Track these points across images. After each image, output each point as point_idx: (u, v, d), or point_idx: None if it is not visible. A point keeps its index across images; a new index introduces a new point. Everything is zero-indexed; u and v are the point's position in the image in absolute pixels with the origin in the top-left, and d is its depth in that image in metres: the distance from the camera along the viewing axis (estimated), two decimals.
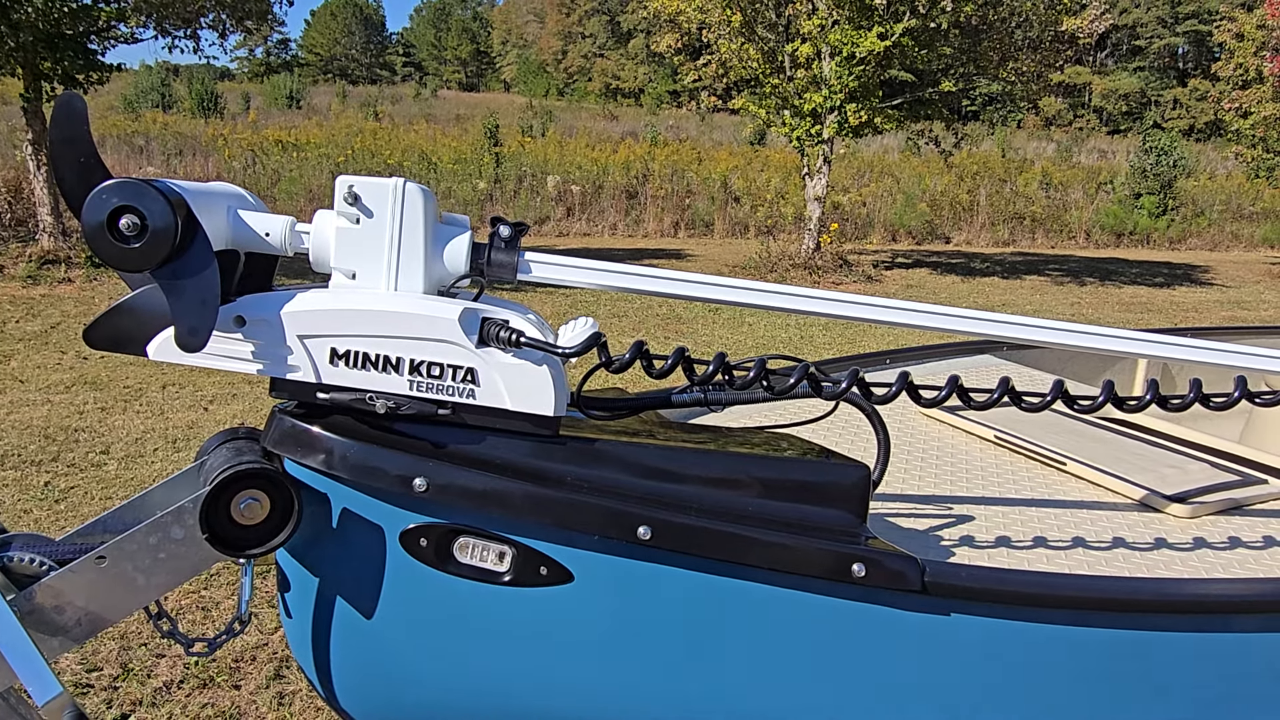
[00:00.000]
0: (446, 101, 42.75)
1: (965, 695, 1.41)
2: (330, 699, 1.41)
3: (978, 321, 1.44)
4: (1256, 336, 3.80)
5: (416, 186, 1.21)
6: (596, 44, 68.31)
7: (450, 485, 1.20)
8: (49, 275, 8.86)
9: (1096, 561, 1.60)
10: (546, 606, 1.29)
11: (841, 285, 11.46)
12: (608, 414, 1.39)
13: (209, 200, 1.17)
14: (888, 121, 12.01)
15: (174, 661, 2.72)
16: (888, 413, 2.27)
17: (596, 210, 16.83)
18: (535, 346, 1.18)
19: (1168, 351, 1.50)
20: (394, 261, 1.21)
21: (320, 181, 15.20)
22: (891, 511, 1.78)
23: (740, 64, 12.18)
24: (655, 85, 56.08)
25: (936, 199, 18.77)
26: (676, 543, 1.24)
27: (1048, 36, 11.79)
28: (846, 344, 7.83)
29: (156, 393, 5.46)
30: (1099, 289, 12.63)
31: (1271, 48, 14.76)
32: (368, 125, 23.44)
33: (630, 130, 28.23)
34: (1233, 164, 21.59)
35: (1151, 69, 55.04)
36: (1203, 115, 43.32)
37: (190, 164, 16.60)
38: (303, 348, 1.19)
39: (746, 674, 1.36)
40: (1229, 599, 1.48)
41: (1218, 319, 10.54)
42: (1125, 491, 1.91)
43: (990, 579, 1.36)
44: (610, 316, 8.49)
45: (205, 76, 29.45)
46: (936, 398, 1.38)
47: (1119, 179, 21.36)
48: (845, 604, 1.31)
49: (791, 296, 1.38)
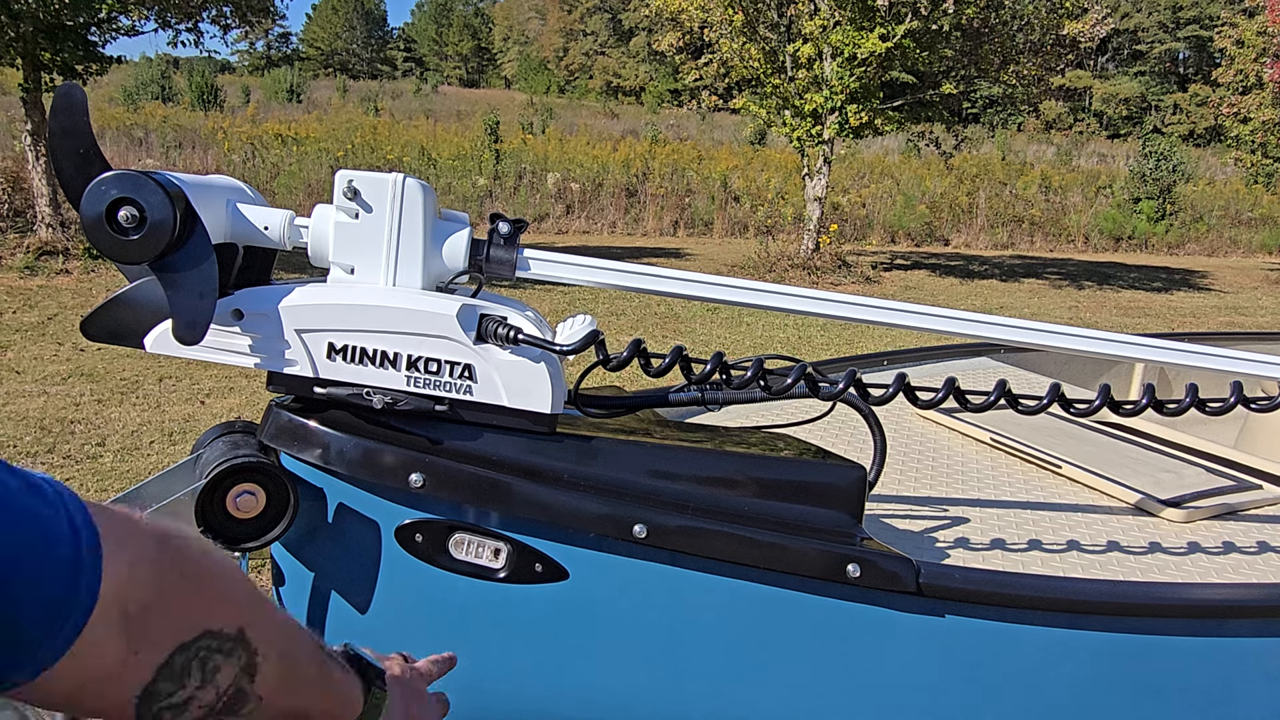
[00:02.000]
0: (447, 97, 42.71)
1: (959, 697, 1.41)
2: None
3: (975, 324, 1.44)
4: (1253, 342, 3.81)
5: (416, 182, 1.21)
6: (598, 41, 68.27)
7: (447, 481, 1.20)
8: (47, 266, 8.84)
9: (1091, 565, 1.61)
10: (541, 604, 1.29)
11: (840, 286, 11.47)
12: (605, 412, 1.39)
13: (208, 193, 1.16)
14: (888, 123, 12.03)
15: None
16: (885, 414, 2.27)
17: (596, 208, 16.82)
18: (533, 343, 1.18)
19: (1164, 356, 1.51)
20: (393, 257, 1.21)
21: (319, 176, 15.18)
22: (887, 513, 1.78)
23: (741, 64, 12.19)
24: (656, 84, 56.04)
25: (936, 201, 18.78)
26: (672, 542, 1.24)
27: (1049, 40, 11.80)
28: (844, 345, 7.83)
29: (153, 385, 5.45)
30: (1097, 293, 12.64)
31: (1272, 54, 14.77)
32: (368, 120, 23.41)
33: (631, 128, 28.23)
34: (1232, 169, 21.63)
35: (1152, 74, 55.09)
36: (1203, 120, 43.35)
37: (189, 157, 16.57)
38: (300, 342, 1.19)
39: (741, 673, 1.36)
40: (1222, 603, 1.48)
41: (1215, 324, 10.56)
42: (1120, 495, 1.92)
43: (985, 581, 1.36)
44: (608, 315, 8.49)
45: (205, 69, 29.37)
46: (933, 399, 1.38)
47: (1118, 183, 21.39)
48: (840, 604, 1.31)
49: (790, 297, 1.38)
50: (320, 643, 0.77)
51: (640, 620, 1.33)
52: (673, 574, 1.28)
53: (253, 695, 0.64)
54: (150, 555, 0.58)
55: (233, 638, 0.63)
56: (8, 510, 0.49)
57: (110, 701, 0.56)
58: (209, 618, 0.61)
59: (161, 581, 0.58)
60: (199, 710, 0.61)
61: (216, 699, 0.62)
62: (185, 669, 0.59)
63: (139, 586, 0.56)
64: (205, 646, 0.60)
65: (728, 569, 1.27)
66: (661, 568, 1.28)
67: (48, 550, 0.50)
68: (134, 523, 0.58)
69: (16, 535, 0.49)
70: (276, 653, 0.67)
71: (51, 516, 0.51)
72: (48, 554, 0.50)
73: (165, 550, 0.59)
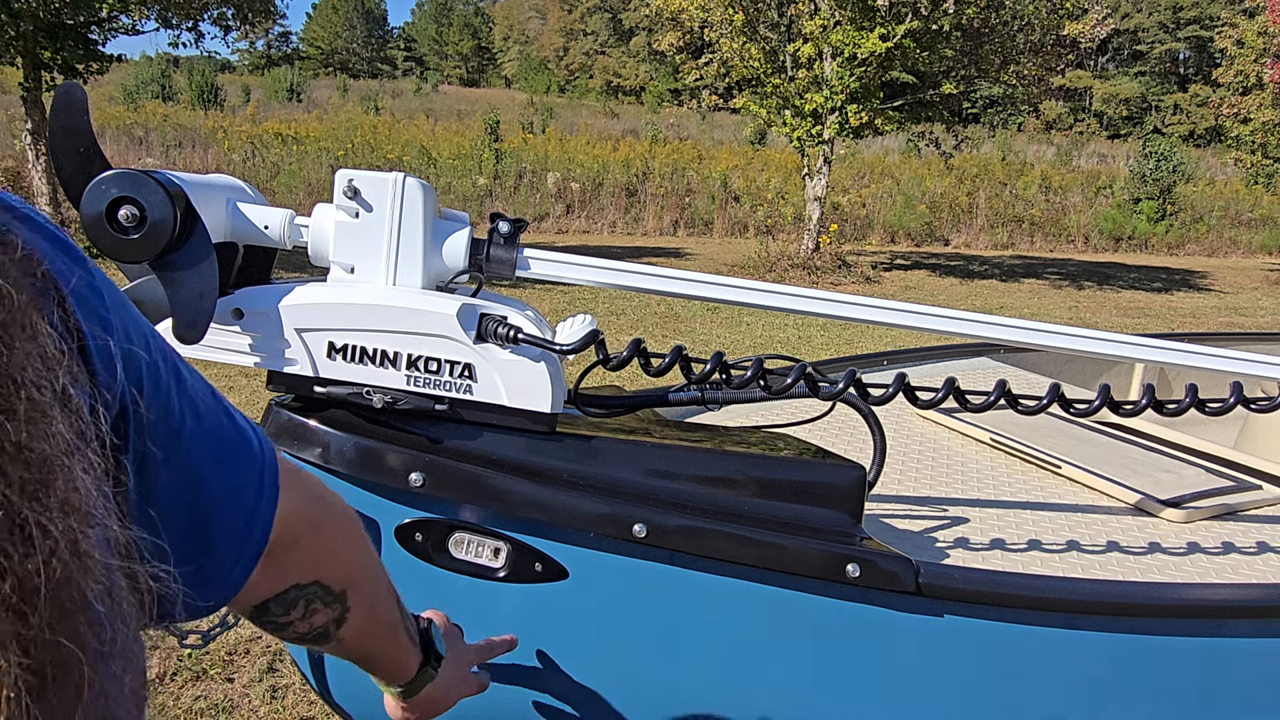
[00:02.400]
0: (447, 97, 42.71)
1: (958, 697, 1.41)
2: (324, 693, 1.41)
3: (975, 324, 1.44)
4: (1253, 343, 3.81)
5: (416, 181, 1.21)
6: (598, 41, 68.27)
7: (446, 480, 1.20)
8: None
9: (1090, 565, 1.61)
10: (541, 603, 1.29)
11: (840, 286, 11.47)
12: (605, 411, 1.39)
13: (208, 192, 1.16)
14: (888, 123, 12.03)
15: (167, 654, 2.72)
16: (884, 414, 2.27)
17: (596, 208, 16.83)
18: (533, 343, 1.18)
19: (1164, 356, 1.51)
20: (393, 256, 1.21)
21: (320, 175, 15.19)
22: (887, 513, 1.78)
23: (742, 63, 12.19)
24: (656, 83, 56.04)
25: (936, 201, 18.78)
26: (671, 541, 1.24)
27: (1049, 40, 11.80)
28: (844, 345, 7.83)
29: None
30: (1097, 293, 12.64)
31: (1272, 54, 14.78)
32: (368, 119, 23.42)
33: (631, 128, 28.24)
34: (1232, 170, 21.63)
35: (1152, 74, 55.09)
36: (1203, 121, 43.36)
37: (189, 156, 16.58)
38: (300, 341, 1.19)
39: (740, 673, 1.37)
40: (1222, 604, 1.48)
41: (1215, 325, 10.56)
42: (1120, 495, 1.92)
43: (984, 581, 1.36)
44: (608, 314, 8.49)
45: (206, 68, 29.37)
46: (933, 399, 1.38)
47: (1118, 184, 21.40)
48: (839, 604, 1.31)
49: (790, 296, 1.38)
50: (402, 613, 0.92)
51: (640, 619, 1.33)
52: (672, 573, 1.28)
53: (334, 637, 0.82)
54: (300, 509, 0.72)
55: (336, 593, 0.79)
56: (231, 448, 0.64)
57: (239, 602, 0.73)
58: (324, 572, 0.78)
59: (301, 532, 0.73)
60: (293, 634, 0.79)
61: (309, 631, 0.80)
62: (293, 603, 0.76)
63: (286, 531, 0.70)
64: (312, 593, 0.77)
65: (727, 569, 1.27)
66: (661, 567, 1.28)
67: (242, 495, 0.65)
68: (299, 478, 0.74)
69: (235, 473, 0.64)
70: (364, 613, 0.83)
71: (251, 464, 0.65)
72: (242, 498, 0.65)
73: (313, 508, 0.76)
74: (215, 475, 0.61)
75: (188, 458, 0.58)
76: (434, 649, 0.99)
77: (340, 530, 0.81)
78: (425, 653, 0.98)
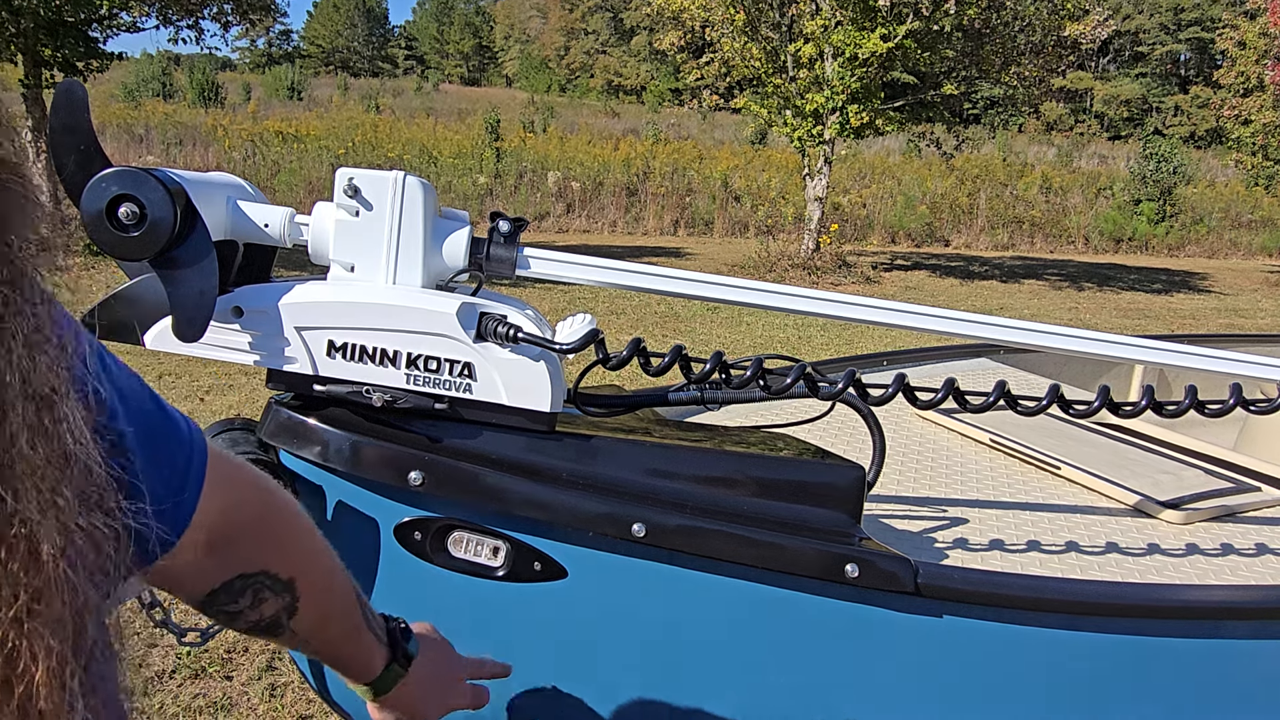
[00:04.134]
0: (448, 96, 42.71)
1: (957, 697, 1.42)
2: (322, 691, 1.41)
3: (975, 325, 1.44)
4: (1253, 344, 3.81)
5: (417, 180, 1.21)
6: (599, 40, 68.26)
7: (446, 479, 1.20)
8: None
9: (1089, 566, 1.61)
10: (540, 602, 1.29)
11: (840, 286, 11.47)
12: (604, 411, 1.39)
13: (208, 190, 1.16)
14: (889, 123, 12.03)
15: (166, 651, 2.72)
16: (884, 414, 2.27)
17: (596, 207, 16.83)
18: (533, 342, 1.18)
19: (1164, 358, 1.51)
20: (393, 255, 1.21)
21: (320, 174, 15.18)
22: (886, 513, 1.78)
23: (743, 63, 12.19)
24: (657, 83, 56.01)
25: (936, 202, 18.78)
26: (671, 541, 1.24)
27: (1050, 41, 11.80)
28: (844, 345, 7.83)
29: (152, 382, 5.44)
30: (1097, 294, 12.64)
31: (1273, 56, 14.78)
32: (368, 118, 23.42)
33: (631, 127, 28.24)
34: (1232, 171, 21.64)
35: (1153, 75, 55.09)
36: (1204, 122, 43.35)
37: (190, 154, 16.57)
38: (300, 339, 1.19)
39: (739, 673, 1.37)
40: (1221, 605, 1.48)
41: (1215, 326, 10.56)
42: (1119, 497, 1.92)
43: (983, 582, 1.36)
44: (608, 314, 8.49)
45: (206, 66, 29.35)
46: (933, 400, 1.38)
47: (1119, 185, 21.39)
48: (838, 604, 1.31)
49: (790, 296, 1.38)
50: (364, 607, 0.93)
51: (639, 619, 1.33)
52: (671, 573, 1.28)
53: (287, 628, 0.84)
54: (242, 499, 0.77)
55: (284, 582, 0.81)
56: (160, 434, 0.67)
57: (189, 592, 0.77)
58: (270, 562, 0.80)
59: (243, 523, 0.77)
60: (245, 624, 0.81)
61: (260, 620, 0.81)
62: (240, 591, 0.79)
63: (227, 523, 0.74)
64: (260, 582, 0.80)
65: (727, 568, 1.27)
66: (660, 567, 1.28)
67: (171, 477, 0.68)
68: (240, 471, 0.79)
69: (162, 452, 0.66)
70: (315, 604, 0.85)
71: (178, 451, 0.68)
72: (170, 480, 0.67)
73: (255, 498, 0.80)
74: (141, 453, 0.62)
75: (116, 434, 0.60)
76: (402, 648, 0.97)
77: (285, 521, 0.83)
78: (393, 648, 0.96)
